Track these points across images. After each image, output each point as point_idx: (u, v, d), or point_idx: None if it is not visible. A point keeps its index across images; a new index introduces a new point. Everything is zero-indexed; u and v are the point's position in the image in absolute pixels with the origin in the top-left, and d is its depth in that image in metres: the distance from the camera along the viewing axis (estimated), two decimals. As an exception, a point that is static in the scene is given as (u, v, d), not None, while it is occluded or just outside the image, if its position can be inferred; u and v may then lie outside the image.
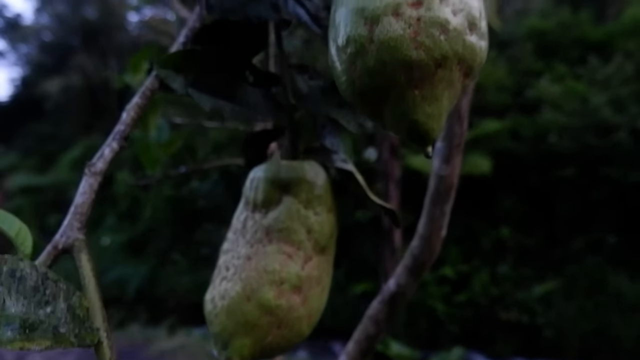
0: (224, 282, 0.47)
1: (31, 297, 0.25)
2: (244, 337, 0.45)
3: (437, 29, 0.32)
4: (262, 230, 0.47)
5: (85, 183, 0.34)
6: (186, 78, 0.44)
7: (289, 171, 0.48)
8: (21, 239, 0.32)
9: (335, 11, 0.36)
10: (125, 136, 0.38)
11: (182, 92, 0.44)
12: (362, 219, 8.38)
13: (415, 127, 0.33)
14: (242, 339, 0.45)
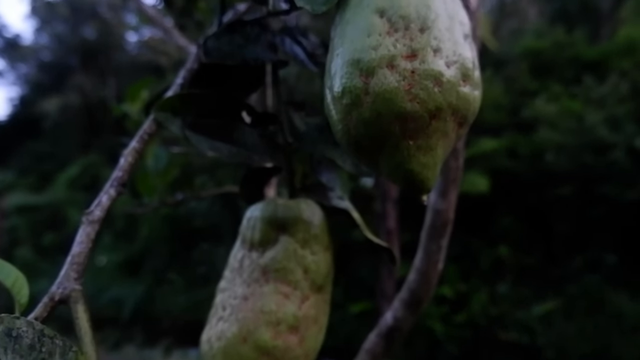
0: (221, 322, 0.47)
1: (28, 356, 0.25)
2: (240, 379, 0.45)
3: (431, 81, 0.33)
4: (258, 270, 0.47)
5: (82, 232, 0.34)
6: (184, 120, 0.45)
7: (286, 211, 0.48)
8: (17, 289, 0.32)
9: (331, 61, 0.36)
10: (124, 183, 0.39)
11: (180, 134, 0.44)
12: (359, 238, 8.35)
13: (410, 176, 0.34)
14: (239, 381, 0.45)
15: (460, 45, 0.34)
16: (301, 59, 0.52)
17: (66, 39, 19.40)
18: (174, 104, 0.44)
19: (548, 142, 8.24)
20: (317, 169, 0.55)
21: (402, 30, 0.34)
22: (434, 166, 0.34)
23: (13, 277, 0.32)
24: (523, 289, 7.85)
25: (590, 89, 8.73)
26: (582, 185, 7.92)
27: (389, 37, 0.34)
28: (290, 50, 0.53)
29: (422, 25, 0.34)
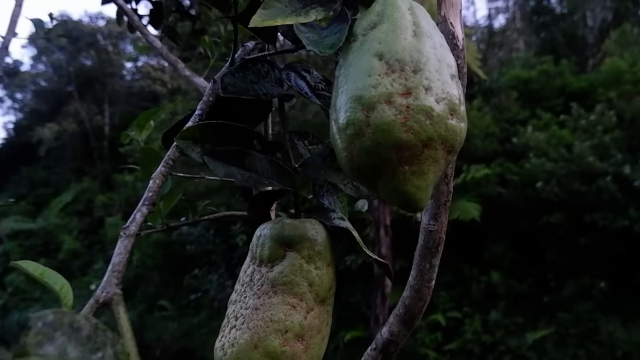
0: (233, 330, 0.51)
1: (86, 345, 0.30)
2: (251, 383, 0.49)
3: (423, 115, 0.38)
4: (268, 283, 0.52)
5: (120, 244, 0.39)
6: (203, 148, 0.50)
7: (293, 229, 0.53)
8: (64, 293, 0.37)
9: (337, 97, 0.42)
10: (153, 202, 0.44)
11: (199, 160, 0.50)
12: (352, 265, 8.38)
13: (406, 197, 0.39)
14: (250, 384, 0.49)
15: (448, 85, 0.40)
16: (305, 93, 0.58)
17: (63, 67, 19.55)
18: (194, 134, 0.50)
19: (538, 168, 8.35)
20: (319, 192, 0.60)
21: (398, 72, 0.40)
22: (427, 188, 0.39)
23: (60, 283, 0.37)
24: (515, 316, 7.86)
25: (578, 117, 8.90)
26: (572, 213, 8.00)
27: (387, 77, 0.40)
28: (295, 84, 0.58)
29: (415, 67, 0.40)
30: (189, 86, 11.12)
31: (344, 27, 0.46)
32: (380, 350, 0.72)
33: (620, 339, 6.95)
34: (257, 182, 0.51)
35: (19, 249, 14.59)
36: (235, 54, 0.59)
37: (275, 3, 0.46)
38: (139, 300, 11.46)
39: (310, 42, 0.46)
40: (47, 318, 0.29)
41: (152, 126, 1.13)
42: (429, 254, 0.67)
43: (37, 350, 0.28)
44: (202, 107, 0.54)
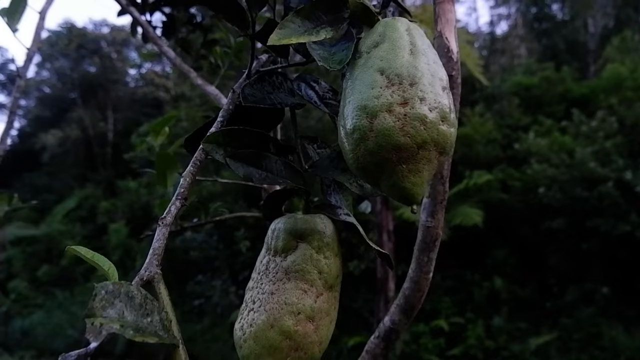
0: (251, 313, 0.58)
1: (138, 310, 0.37)
2: (267, 358, 0.55)
3: (418, 121, 0.45)
4: (282, 271, 0.58)
5: (159, 232, 0.46)
6: (225, 151, 0.57)
7: (304, 223, 0.60)
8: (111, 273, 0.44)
9: (344, 106, 0.49)
10: (185, 197, 0.50)
11: (223, 161, 0.56)
12: (355, 271, 8.42)
13: (404, 192, 0.46)
14: (267, 359, 0.55)
15: (439, 96, 0.47)
16: (314, 102, 0.65)
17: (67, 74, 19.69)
18: (218, 138, 0.57)
19: (539, 174, 8.40)
20: (327, 191, 0.67)
21: (397, 85, 0.47)
22: (422, 184, 0.46)
23: (107, 265, 0.44)
24: (518, 322, 7.89)
25: (580, 123, 8.95)
26: (574, 218, 8.04)
27: (388, 89, 0.47)
28: (305, 94, 0.65)
29: (412, 81, 0.47)
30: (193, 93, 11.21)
31: (351, 45, 0.53)
32: (382, 338, 0.78)
33: (623, 344, 6.98)
34: (273, 181, 0.58)
35: (22, 256, 14.63)
36: (251, 67, 0.65)
37: (290, 24, 0.53)
38: (143, 305, 11.46)
39: (322, 58, 0.53)
40: (109, 287, 0.36)
41: (167, 132, 1.19)
42: (426, 248, 0.73)
43: (101, 312, 0.35)
44: (223, 115, 0.60)
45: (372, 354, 0.79)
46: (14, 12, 1.11)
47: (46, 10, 1.18)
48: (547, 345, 7.34)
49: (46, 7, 1.18)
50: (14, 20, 1.10)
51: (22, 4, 1.09)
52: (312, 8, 0.55)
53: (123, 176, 14.88)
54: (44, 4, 1.19)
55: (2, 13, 1.10)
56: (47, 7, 1.18)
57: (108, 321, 0.34)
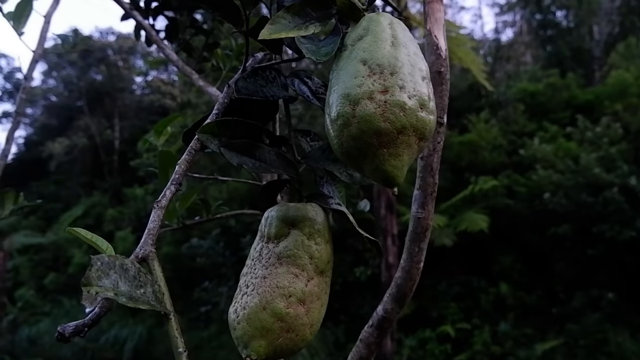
0: (245, 296, 0.60)
1: (132, 282, 0.39)
2: (260, 339, 0.58)
3: (398, 108, 0.48)
4: (274, 257, 0.61)
5: (154, 214, 0.48)
6: (220, 141, 0.59)
7: (296, 211, 0.62)
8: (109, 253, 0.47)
9: (330, 95, 0.52)
10: (180, 182, 0.53)
11: (217, 151, 0.59)
12: (362, 277, 8.43)
13: (385, 175, 0.49)
14: (259, 340, 0.58)
15: (419, 85, 0.50)
16: (307, 96, 0.67)
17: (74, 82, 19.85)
18: (213, 128, 0.59)
19: (545, 179, 8.40)
20: (320, 182, 0.69)
21: (378, 74, 0.49)
22: (402, 167, 0.48)
23: (105, 246, 0.47)
24: (525, 328, 7.86)
25: (585, 130, 8.95)
26: (579, 224, 8.03)
27: (369, 78, 0.49)
28: (298, 89, 0.68)
29: (392, 70, 0.49)
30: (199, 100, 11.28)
31: (337, 39, 0.56)
32: (376, 326, 0.81)
33: (629, 349, 6.94)
34: (265, 170, 0.61)
35: (29, 264, 14.69)
36: (246, 63, 0.68)
37: (281, 20, 0.56)
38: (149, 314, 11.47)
39: (309, 51, 0.56)
40: (104, 259, 0.39)
41: (169, 132, 1.22)
42: (417, 238, 0.76)
43: (97, 282, 0.38)
44: (218, 107, 0.63)
45: (366, 342, 0.81)
46: (20, 16, 1.15)
47: (51, 14, 1.22)
48: (553, 351, 7.31)
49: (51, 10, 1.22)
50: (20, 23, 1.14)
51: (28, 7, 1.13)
52: (302, 5, 0.58)
53: (130, 184, 14.97)
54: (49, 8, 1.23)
55: (9, 17, 1.14)
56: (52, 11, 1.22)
57: (103, 290, 0.37)
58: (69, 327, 0.39)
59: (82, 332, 0.39)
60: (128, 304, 0.36)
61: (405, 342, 7.81)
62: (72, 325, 0.40)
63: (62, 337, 0.39)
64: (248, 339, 0.58)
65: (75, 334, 0.39)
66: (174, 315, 0.42)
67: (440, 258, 8.15)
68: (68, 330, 0.39)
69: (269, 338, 0.58)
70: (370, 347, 0.81)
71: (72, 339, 0.39)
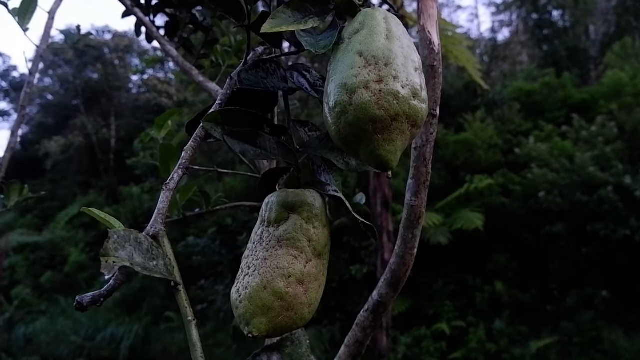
0: (247, 277, 0.63)
1: (146, 254, 0.42)
2: (261, 317, 0.61)
3: (392, 97, 0.51)
4: (274, 240, 0.64)
5: (163, 195, 0.52)
6: (223, 129, 0.63)
7: (295, 196, 0.66)
8: (121, 231, 0.50)
9: (328, 85, 0.55)
10: (187, 167, 0.56)
11: (220, 139, 0.62)
12: (357, 275, 8.47)
13: (379, 159, 0.52)
14: (260, 318, 0.61)
15: (411, 75, 0.53)
16: (306, 88, 0.71)
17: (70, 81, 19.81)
18: (216, 117, 0.63)
19: (540, 180, 8.45)
20: (318, 170, 0.73)
21: (373, 65, 0.53)
22: (395, 152, 0.52)
23: (118, 225, 0.50)
24: (519, 325, 7.91)
25: (580, 129, 9.00)
26: (574, 223, 8.08)
27: (365, 69, 0.53)
28: (297, 81, 0.71)
29: (386, 61, 0.53)
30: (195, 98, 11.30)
31: (335, 33, 0.60)
32: (371, 311, 0.84)
33: (622, 347, 6.99)
34: (266, 157, 0.64)
35: (25, 262, 14.65)
36: (248, 56, 0.72)
37: (281, 14, 0.59)
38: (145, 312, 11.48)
39: (308, 44, 0.59)
40: (120, 233, 0.42)
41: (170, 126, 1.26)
42: (411, 225, 0.79)
43: (114, 253, 0.41)
44: (221, 98, 0.67)
45: (362, 326, 0.85)
46: (25, 12, 1.18)
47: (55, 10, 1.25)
48: (547, 348, 7.36)
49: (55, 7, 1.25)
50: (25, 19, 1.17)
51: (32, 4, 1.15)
52: (302, 0, 0.61)
53: (126, 183, 14.96)
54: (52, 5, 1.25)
55: (14, 13, 1.16)
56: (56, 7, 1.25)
57: (120, 260, 0.40)
58: (87, 297, 0.42)
59: (98, 302, 0.42)
60: (143, 273, 0.40)
61: (401, 340, 7.86)
62: (89, 295, 0.43)
63: (81, 306, 0.42)
64: (250, 317, 0.61)
65: (92, 304, 0.42)
66: (183, 287, 0.45)
67: (436, 256, 8.20)
68: (86, 300, 0.42)
69: (269, 316, 0.61)
70: (366, 331, 0.84)
71: (89, 308, 0.42)
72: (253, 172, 1.26)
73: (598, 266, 7.96)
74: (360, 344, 0.85)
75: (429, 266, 8.11)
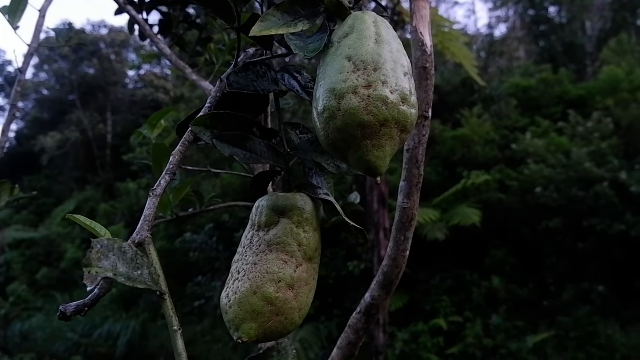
0: (236, 282, 0.63)
1: (130, 264, 0.42)
2: (251, 322, 0.61)
3: (380, 102, 0.51)
4: (264, 244, 0.64)
5: (150, 202, 0.51)
6: (212, 133, 0.62)
7: (285, 200, 0.65)
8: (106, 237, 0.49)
9: (317, 90, 0.55)
10: (174, 172, 0.56)
11: (209, 142, 0.62)
12: (355, 271, 8.47)
13: (368, 165, 0.51)
14: (250, 323, 0.61)
15: (401, 80, 0.53)
16: (297, 90, 0.70)
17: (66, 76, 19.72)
18: (206, 121, 0.62)
19: (537, 175, 8.46)
20: (309, 173, 0.72)
21: (362, 70, 0.52)
22: (384, 158, 0.51)
23: (104, 232, 0.49)
24: (516, 321, 7.94)
25: (576, 125, 9.01)
26: (571, 219, 8.10)
27: (354, 74, 0.52)
28: (288, 84, 0.71)
29: (375, 66, 0.52)
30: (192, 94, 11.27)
31: (324, 36, 0.59)
32: (363, 313, 0.84)
33: (619, 342, 7.02)
34: (256, 161, 0.63)
35: (21, 259, 14.62)
36: (238, 59, 0.71)
37: (271, 17, 0.59)
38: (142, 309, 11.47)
39: (298, 47, 0.59)
40: (103, 243, 0.41)
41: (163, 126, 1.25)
42: (403, 227, 0.79)
43: (97, 263, 0.40)
44: (211, 101, 0.66)
45: (355, 328, 0.84)
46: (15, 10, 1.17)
47: (46, 8, 1.23)
48: (544, 343, 7.39)
49: (46, 5, 1.24)
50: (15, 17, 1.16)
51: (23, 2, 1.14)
52: (291, 3, 0.61)
53: (122, 178, 14.92)
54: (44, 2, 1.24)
55: (4, 11, 1.15)
56: (47, 5, 1.24)
57: (103, 271, 0.40)
58: (71, 306, 0.42)
59: (82, 311, 0.41)
60: (127, 284, 0.39)
61: (398, 336, 7.87)
62: (73, 305, 0.42)
63: (64, 316, 0.41)
64: (239, 322, 0.61)
65: (76, 313, 0.41)
66: (169, 296, 0.44)
67: (433, 252, 8.21)
68: (70, 310, 0.41)
69: (259, 321, 0.61)
70: (359, 333, 0.84)
71: (73, 318, 0.42)
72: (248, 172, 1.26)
73: (595, 261, 7.98)
74: (353, 346, 0.85)
75: (426, 262, 8.13)
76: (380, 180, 0.52)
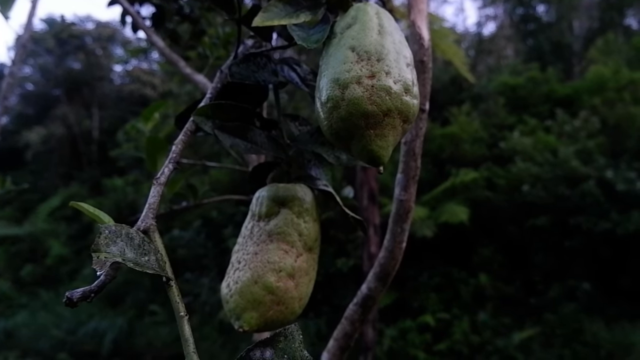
0: (237, 271, 0.63)
1: (137, 250, 0.42)
2: (252, 311, 0.61)
3: (384, 92, 0.51)
4: (265, 234, 0.64)
5: (154, 190, 0.51)
6: (214, 123, 0.62)
7: (285, 191, 0.66)
8: (109, 224, 0.49)
9: (320, 80, 0.55)
10: (177, 161, 0.56)
11: (211, 133, 0.62)
12: (343, 268, 8.50)
13: (371, 154, 0.52)
14: (251, 312, 0.61)
15: (403, 71, 0.53)
16: (296, 82, 0.71)
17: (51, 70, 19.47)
18: (207, 111, 0.62)
19: (524, 173, 8.54)
20: (308, 165, 0.73)
21: (365, 60, 0.53)
22: (387, 147, 0.52)
23: (107, 219, 0.49)
24: (503, 317, 8.01)
25: (563, 123, 9.10)
26: (557, 216, 8.18)
27: (357, 64, 0.53)
28: (288, 75, 0.71)
29: (379, 57, 0.53)
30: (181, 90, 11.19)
31: (327, 27, 0.59)
32: (360, 304, 0.84)
33: (604, 338, 7.11)
34: (256, 151, 0.64)
35: (5, 255, 14.42)
36: (238, 49, 0.71)
37: (273, 8, 0.59)
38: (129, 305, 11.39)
39: (300, 38, 0.59)
40: (111, 228, 0.42)
41: (157, 119, 1.24)
42: (400, 219, 0.79)
43: (105, 248, 0.40)
44: (212, 92, 0.66)
45: (351, 319, 0.85)
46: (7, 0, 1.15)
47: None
48: (530, 340, 7.46)
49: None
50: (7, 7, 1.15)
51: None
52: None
53: (109, 174, 14.77)
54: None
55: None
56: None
57: (111, 256, 0.40)
58: (77, 292, 0.42)
59: (89, 297, 0.42)
60: (135, 269, 0.39)
61: (387, 333, 7.91)
62: (79, 291, 0.42)
63: (70, 301, 0.41)
64: (240, 311, 0.61)
65: (82, 299, 0.41)
66: (175, 282, 0.45)
67: (421, 249, 8.25)
68: (76, 296, 0.41)
69: (260, 310, 0.61)
70: (355, 324, 0.85)
71: (79, 304, 0.42)
72: (240, 164, 1.26)
73: (580, 259, 8.07)
74: (349, 337, 0.86)
75: (414, 259, 8.17)
76: (382, 170, 0.53)
